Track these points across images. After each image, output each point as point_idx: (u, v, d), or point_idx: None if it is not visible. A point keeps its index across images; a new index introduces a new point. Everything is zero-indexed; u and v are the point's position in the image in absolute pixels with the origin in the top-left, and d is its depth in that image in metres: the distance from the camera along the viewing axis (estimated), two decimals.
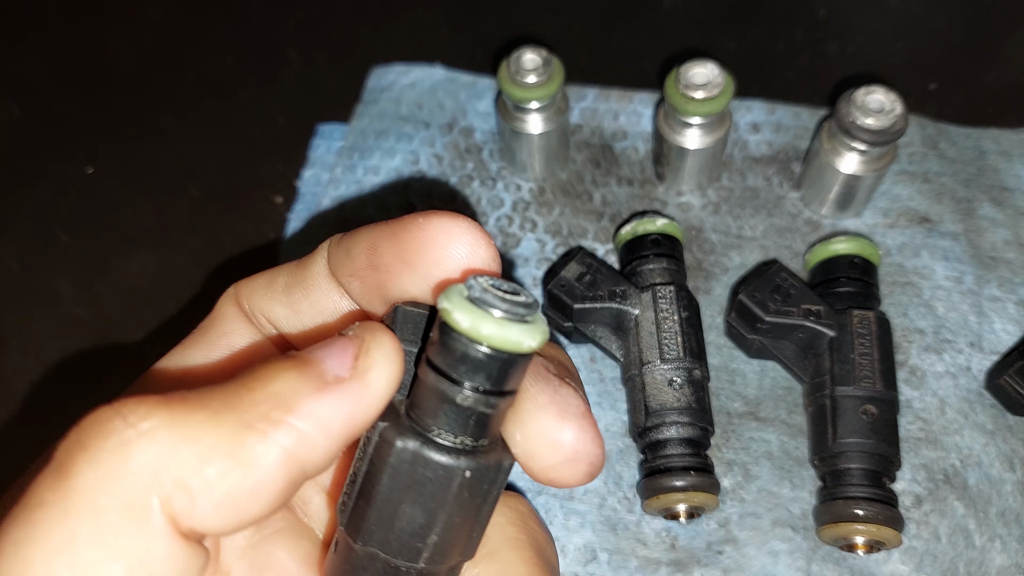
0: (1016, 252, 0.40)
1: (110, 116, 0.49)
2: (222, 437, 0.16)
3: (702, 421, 0.34)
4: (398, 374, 0.19)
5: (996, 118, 0.44)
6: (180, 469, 0.16)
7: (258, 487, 0.17)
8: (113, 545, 0.15)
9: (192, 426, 0.16)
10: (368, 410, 0.18)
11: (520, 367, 0.19)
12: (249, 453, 0.16)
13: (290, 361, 0.18)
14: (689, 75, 0.38)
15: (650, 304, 0.35)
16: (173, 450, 0.16)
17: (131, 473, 0.16)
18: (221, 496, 0.16)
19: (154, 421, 0.16)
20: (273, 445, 0.17)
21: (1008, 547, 0.34)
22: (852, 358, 0.34)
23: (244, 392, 0.17)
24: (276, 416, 0.17)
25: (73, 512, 0.15)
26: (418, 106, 0.47)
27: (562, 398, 0.20)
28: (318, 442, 0.17)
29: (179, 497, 0.16)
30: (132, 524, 0.16)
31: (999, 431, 0.36)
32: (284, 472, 0.17)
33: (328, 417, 0.17)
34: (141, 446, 0.16)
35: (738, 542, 0.34)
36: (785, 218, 0.41)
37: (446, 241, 0.20)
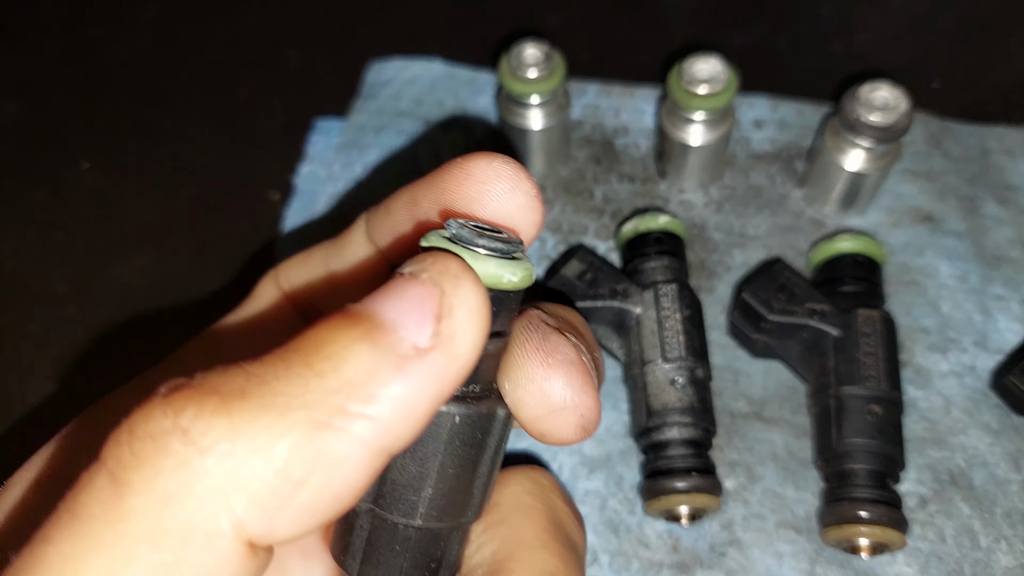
0: (1021, 250, 0.39)
1: (106, 114, 0.49)
2: (297, 442, 0.14)
3: (704, 421, 0.33)
4: (487, 330, 0.16)
5: (1000, 116, 0.44)
6: (253, 487, 0.14)
7: (342, 490, 0.15)
8: (174, 572, 0.14)
9: (258, 433, 0.14)
10: (456, 380, 0.16)
11: (505, 306, 0.18)
12: (328, 456, 0.14)
13: (358, 327, 0.15)
14: (693, 70, 0.37)
15: (652, 303, 0.35)
16: (241, 466, 0.14)
17: (196, 497, 0.14)
18: (302, 507, 0.15)
19: (217, 433, 0.14)
20: (355, 442, 0.15)
21: (1014, 548, 0.33)
22: (857, 357, 0.33)
23: (312, 378, 0.15)
24: (355, 409, 0.15)
25: (130, 534, 0.14)
26: (417, 102, 0.46)
27: (551, 344, 0.19)
28: (400, 425, 0.15)
29: (256, 516, 0.14)
30: (198, 551, 0.14)
31: (1004, 431, 0.36)
32: (368, 465, 0.15)
33: (411, 399, 0.15)
34: (206, 467, 0.14)
35: (742, 544, 0.34)
36: (789, 216, 0.41)
37: (486, 177, 0.19)
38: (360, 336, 0.15)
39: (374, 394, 0.15)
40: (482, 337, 0.16)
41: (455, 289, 0.15)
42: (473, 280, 0.16)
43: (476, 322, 0.16)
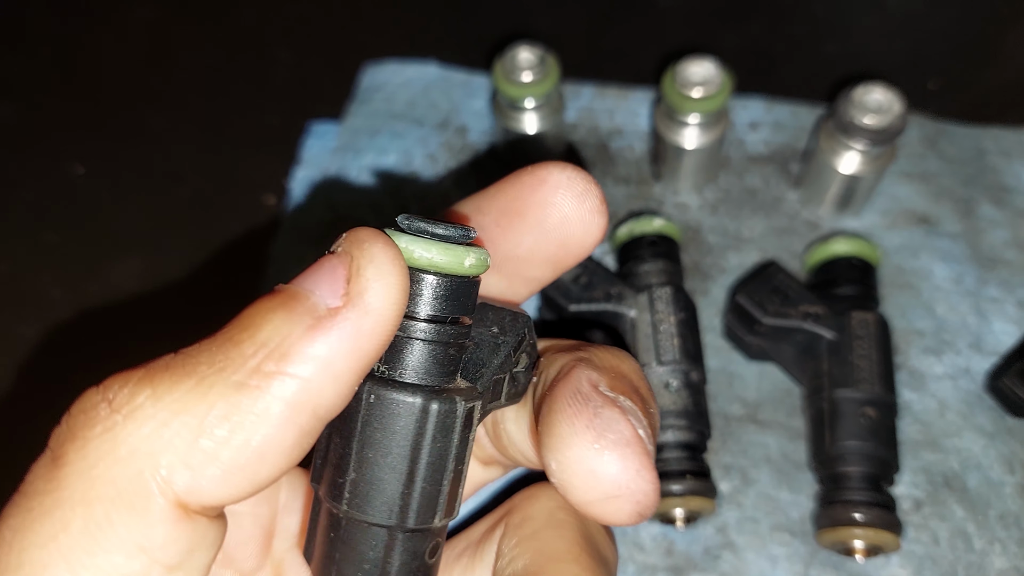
0: (1016, 252, 0.39)
1: (100, 117, 0.49)
2: (214, 403, 0.15)
3: (699, 425, 0.33)
4: (401, 287, 0.16)
5: (996, 117, 0.44)
6: (175, 446, 0.15)
7: (265, 447, 0.15)
8: (109, 534, 0.15)
9: (180, 397, 0.15)
10: (374, 337, 0.16)
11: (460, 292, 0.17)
12: (246, 414, 0.15)
13: (276, 298, 0.16)
14: (687, 72, 0.37)
15: (646, 306, 0.35)
16: (163, 427, 0.15)
17: (122, 459, 0.15)
18: (227, 465, 0.15)
19: (139, 399, 0.15)
20: (273, 400, 0.15)
21: (1008, 550, 0.33)
22: (851, 360, 0.33)
23: (231, 346, 0.16)
24: (269, 368, 0.15)
25: (66, 501, 0.15)
26: (412, 105, 0.46)
27: (603, 422, 0.17)
28: (324, 385, 0.16)
29: (180, 474, 0.15)
30: (127, 511, 0.15)
31: (999, 433, 0.36)
32: (292, 425, 0.15)
33: (329, 356, 0.15)
34: (128, 429, 0.15)
35: (736, 547, 0.34)
36: (783, 219, 0.41)
37: (558, 183, 0.19)
38: (276, 305, 0.16)
39: (289, 353, 0.15)
40: (396, 293, 0.16)
41: (362, 251, 0.16)
42: (382, 241, 0.16)
43: (387, 278, 0.16)
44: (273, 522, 0.22)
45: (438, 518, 0.18)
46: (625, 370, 0.20)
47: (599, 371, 0.19)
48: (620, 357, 0.20)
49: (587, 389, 0.18)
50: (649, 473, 0.17)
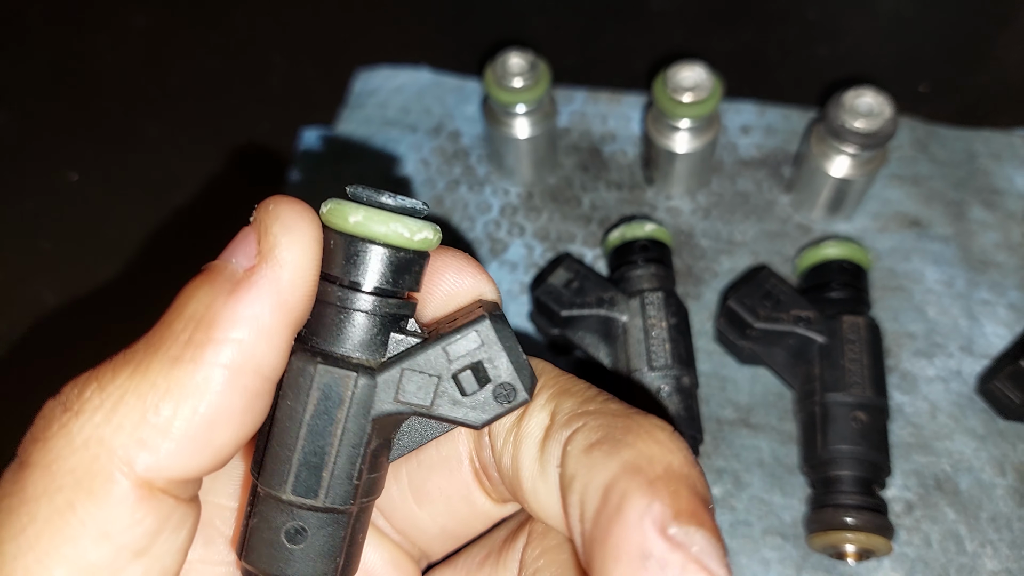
0: (1007, 255, 0.40)
1: (95, 123, 0.49)
2: (154, 381, 0.16)
3: (690, 429, 0.33)
4: (311, 239, 0.17)
5: (986, 119, 0.44)
6: (125, 427, 0.15)
7: (214, 414, 0.16)
8: (72, 521, 0.15)
9: (122, 383, 0.16)
10: (294, 288, 0.16)
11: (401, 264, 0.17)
12: (187, 385, 0.16)
13: (198, 276, 0.17)
14: (677, 78, 0.37)
15: (638, 311, 0.35)
16: (112, 413, 0.16)
17: (78, 449, 0.15)
18: (180, 435, 0.16)
19: (87, 395, 0.16)
20: (211, 366, 0.16)
21: (999, 552, 0.33)
22: (842, 364, 0.33)
23: (163, 328, 0.16)
24: (199, 338, 0.16)
25: (30, 496, 0.15)
26: (404, 110, 0.46)
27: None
28: (257, 343, 0.16)
29: (138, 454, 0.15)
30: (88, 496, 0.15)
31: (990, 435, 0.36)
32: (235, 387, 0.16)
33: (255, 314, 0.16)
34: (79, 421, 0.16)
35: (729, 551, 0.34)
36: (775, 223, 0.41)
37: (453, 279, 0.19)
38: (199, 282, 0.17)
39: (216, 319, 0.16)
40: (306, 243, 0.17)
41: (267, 213, 0.17)
42: (286, 201, 0.17)
43: (294, 232, 0.16)
44: None
45: (321, 498, 0.17)
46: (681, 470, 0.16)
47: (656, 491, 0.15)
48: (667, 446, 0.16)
49: (654, 541, 0.14)
50: None
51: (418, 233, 0.17)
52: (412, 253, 0.17)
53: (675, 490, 0.15)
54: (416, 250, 0.17)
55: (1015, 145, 0.42)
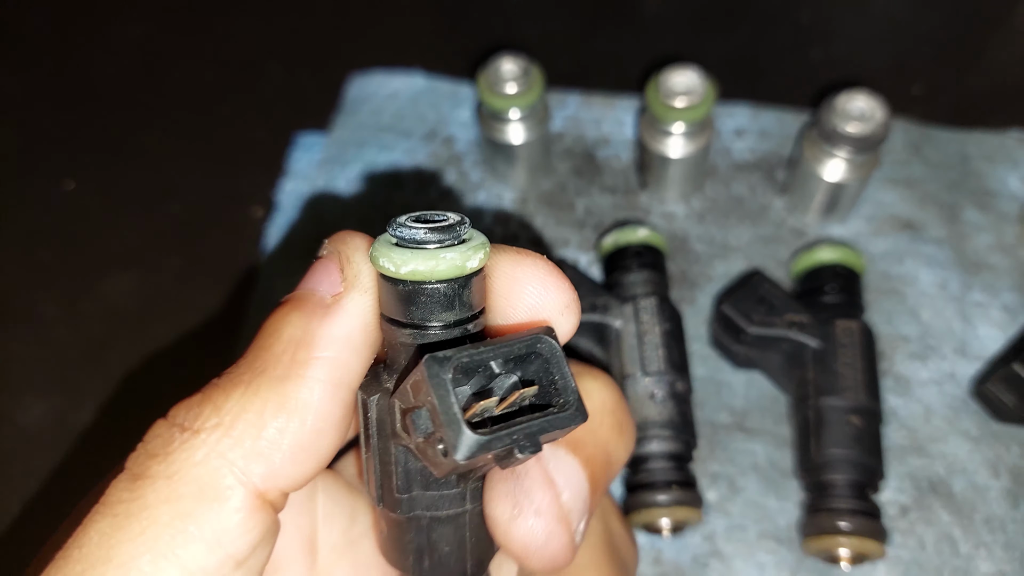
0: (1000, 256, 0.40)
1: (91, 133, 0.49)
2: (267, 398, 0.17)
3: (684, 435, 0.33)
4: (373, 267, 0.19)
5: (980, 121, 0.44)
6: (243, 442, 0.17)
7: (319, 424, 0.18)
8: (191, 526, 0.16)
9: (236, 402, 0.17)
10: (376, 309, 0.19)
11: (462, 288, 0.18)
12: (294, 400, 0.17)
13: (286, 306, 0.19)
14: (670, 83, 0.37)
15: (631, 316, 0.35)
16: (230, 429, 0.17)
17: (200, 462, 0.17)
18: (292, 445, 0.17)
19: (204, 415, 0.17)
20: (314, 383, 0.18)
21: (993, 554, 0.34)
22: (836, 368, 0.34)
23: (263, 352, 0.18)
24: (303, 357, 0.18)
25: (151, 503, 0.17)
26: (398, 116, 0.46)
27: (523, 491, 0.19)
28: (350, 359, 0.18)
29: (255, 465, 0.17)
30: (208, 503, 0.17)
31: (984, 438, 0.36)
32: (334, 400, 0.18)
33: (346, 333, 0.18)
34: (200, 438, 0.17)
35: (724, 555, 0.34)
36: (770, 227, 0.41)
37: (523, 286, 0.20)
38: (289, 309, 0.19)
39: (314, 340, 0.18)
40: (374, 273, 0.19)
41: (346, 245, 0.19)
42: (359, 235, 0.19)
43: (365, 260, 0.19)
44: (314, 533, 0.22)
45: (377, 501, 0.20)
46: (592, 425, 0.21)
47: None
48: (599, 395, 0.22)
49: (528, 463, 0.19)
50: (559, 538, 0.19)
51: (471, 260, 0.17)
52: (464, 278, 0.18)
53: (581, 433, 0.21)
54: (471, 273, 0.18)
55: (1008, 146, 0.43)
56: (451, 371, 0.16)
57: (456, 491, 0.19)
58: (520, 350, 0.17)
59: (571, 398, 0.17)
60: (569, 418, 0.17)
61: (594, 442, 0.20)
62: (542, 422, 0.16)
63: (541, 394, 0.17)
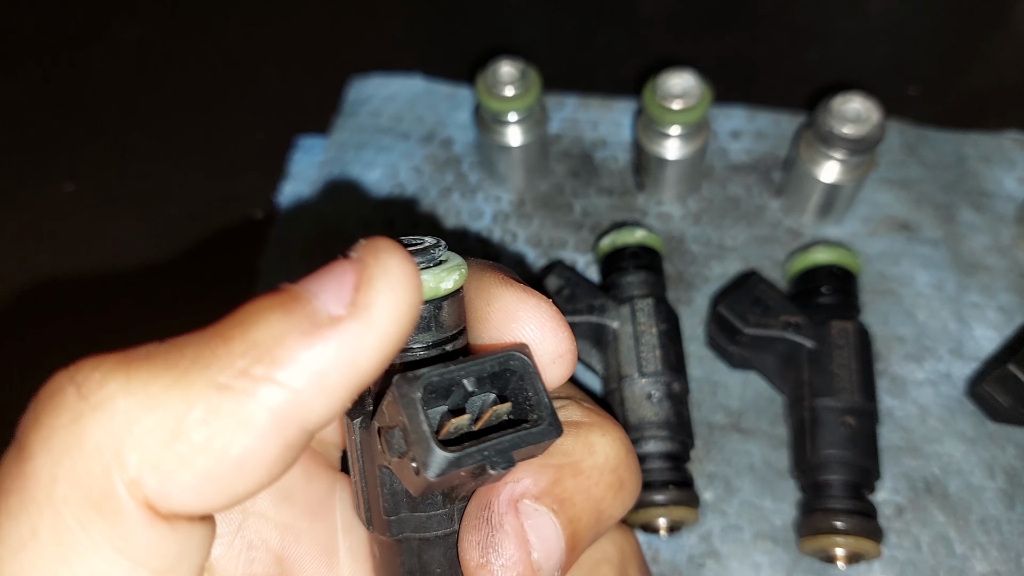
0: (996, 257, 0.40)
1: (89, 135, 0.49)
2: (194, 403, 0.14)
3: (681, 435, 0.33)
4: (413, 307, 0.15)
5: (976, 122, 0.44)
6: (146, 446, 0.14)
7: (245, 458, 0.14)
8: (81, 538, 0.14)
9: (156, 392, 0.14)
10: (373, 355, 0.15)
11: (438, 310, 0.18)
12: (227, 421, 0.14)
13: (276, 297, 0.15)
14: (666, 85, 0.38)
15: (628, 317, 0.35)
16: (134, 423, 0.14)
17: (88, 455, 0.14)
18: (200, 473, 0.14)
19: (110, 388, 0.14)
20: (258, 408, 0.14)
21: (988, 555, 0.34)
22: (831, 369, 0.34)
23: (220, 342, 0.14)
24: (258, 372, 0.14)
25: (32, 503, 0.14)
26: (397, 118, 0.46)
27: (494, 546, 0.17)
28: (314, 398, 0.14)
29: (149, 478, 0.14)
30: (97, 513, 0.14)
31: (980, 439, 0.36)
32: (277, 438, 0.14)
33: (323, 368, 0.14)
34: (96, 421, 0.14)
35: (720, 555, 0.34)
36: (766, 227, 0.41)
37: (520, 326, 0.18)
38: (275, 304, 0.15)
39: (280, 358, 0.14)
40: (405, 311, 0.15)
41: (377, 261, 0.15)
42: (401, 254, 0.15)
43: (399, 294, 0.15)
44: (333, 541, 0.21)
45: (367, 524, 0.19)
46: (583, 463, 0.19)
47: (540, 475, 0.18)
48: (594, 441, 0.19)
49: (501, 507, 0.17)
50: None
51: (444, 282, 0.17)
52: (439, 300, 0.18)
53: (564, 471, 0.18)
54: (445, 295, 0.18)
55: (1004, 147, 0.43)
56: (421, 390, 0.16)
57: (443, 512, 0.18)
58: (492, 368, 0.17)
59: (544, 413, 0.16)
60: (541, 433, 0.16)
61: (585, 499, 0.18)
62: (514, 437, 0.16)
63: (517, 411, 0.17)
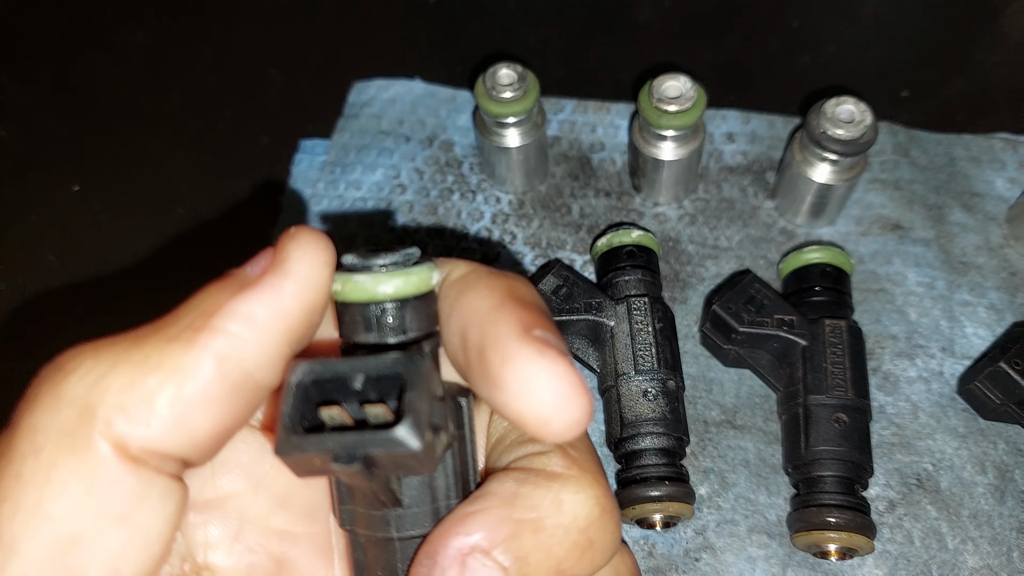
0: (986, 257, 0.40)
1: (97, 139, 0.50)
2: (147, 355, 0.16)
3: (676, 431, 0.34)
4: (321, 261, 0.18)
5: (967, 124, 0.45)
6: (112, 391, 0.16)
7: (199, 395, 0.16)
8: (56, 479, 0.16)
9: (117, 352, 0.17)
10: (295, 298, 0.18)
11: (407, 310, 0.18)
12: (177, 363, 0.16)
13: (214, 280, 0.18)
14: (662, 89, 0.38)
15: (624, 316, 0.36)
16: (102, 376, 0.16)
17: (63, 407, 0.16)
18: (163, 411, 0.16)
19: (82, 358, 0.17)
20: (202, 350, 0.17)
21: (980, 549, 0.34)
22: (824, 367, 0.34)
23: (170, 316, 0.17)
24: (199, 323, 0.17)
25: (16, 456, 0.16)
26: (399, 121, 0.47)
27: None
28: (251, 340, 0.17)
29: (119, 420, 0.16)
30: (72, 455, 0.16)
31: (971, 435, 0.37)
32: (222, 376, 0.17)
33: (254, 312, 0.17)
34: (69, 381, 0.16)
35: (715, 549, 0.35)
36: (760, 228, 0.42)
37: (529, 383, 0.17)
38: (214, 282, 0.18)
39: (216, 310, 0.17)
40: (318, 261, 0.18)
41: (288, 235, 0.18)
42: (306, 228, 0.19)
43: (307, 250, 0.18)
44: (328, 540, 0.22)
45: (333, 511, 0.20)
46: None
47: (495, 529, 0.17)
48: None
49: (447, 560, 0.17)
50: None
51: (383, 285, 0.18)
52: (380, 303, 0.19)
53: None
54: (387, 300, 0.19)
55: (995, 148, 0.43)
56: (300, 375, 0.17)
57: (379, 514, 0.18)
58: (380, 369, 0.17)
59: (404, 420, 0.15)
60: (388, 439, 0.15)
61: (545, 559, 0.17)
62: (361, 437, 0.16)
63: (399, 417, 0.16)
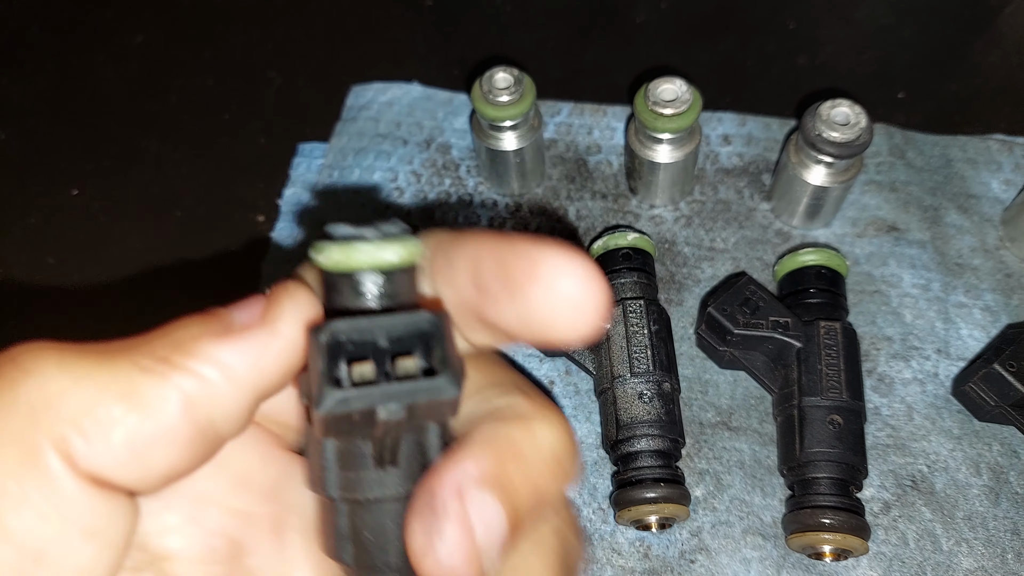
0: (982, 258, 0.41)
1: (94, 140, 0.50)
2: (115, 379, 0.16)
3: (672, 433, 0.34)
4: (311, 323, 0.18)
5: (963, 125, 0.45)
6: (72, 409, 0.15)
7: (159, 435, 0.16)
8: (14, 492, 0.15)
9: (83, 367, 0.16)
10: (278, 358, 0.17)
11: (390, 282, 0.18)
12: (145, 396, 0.16)
13: (199, 314, 0.17)
14: (657, 92, 0.38)
15: (620, 318, 0.36)
16: (62, 390, 0.16)
17: (20, 414, 0.15)
18: (119, 441, 0.16)
19: (44, 360, 0.16)
20: (171, 388, 0.16)
21: (975, 550, 0.34)
22: (819, 369, 0.34)
23: (145, 339, 0.17)
24: (175, 359, 0.16)
25: None
26: (396, 124, 0.47)
27: (438, 532, 0.17)
28: (223, 390, 0.17)
29: (74, 439, 0.15)
30: (29, 469, 0.15)
31: (966, 436, 0.37)
32: (187, 420, 0.16)
33: (232, 363, 0.17)
34: (27, 385, 0.16)
35: (710, 551, 0.35)
36: (756, 230, 0.42)
37: (556, 278, 0.17)
38: (197, 316, 0.17)
39: (195, 351, 0.16)
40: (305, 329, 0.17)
41: (283, 289, 0.18)
42: (303, 287, 0.18)
43: (302, 313, 0.17)
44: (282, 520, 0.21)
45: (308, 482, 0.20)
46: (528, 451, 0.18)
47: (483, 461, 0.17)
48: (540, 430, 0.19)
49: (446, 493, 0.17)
50: None
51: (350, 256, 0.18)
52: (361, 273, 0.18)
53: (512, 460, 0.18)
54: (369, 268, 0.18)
55: (991, 150, 0.43)
56: (327, 336, 0.16)
57: (374, 475, 0.18)
58: (404, 324, 0.17)
59: (444, 370, 0.17)
60: (437, 388, 0.17)
61: (524, 483, 0.18)
62: (409, 387, 0.16)
63: (429, 371, 0.17)
